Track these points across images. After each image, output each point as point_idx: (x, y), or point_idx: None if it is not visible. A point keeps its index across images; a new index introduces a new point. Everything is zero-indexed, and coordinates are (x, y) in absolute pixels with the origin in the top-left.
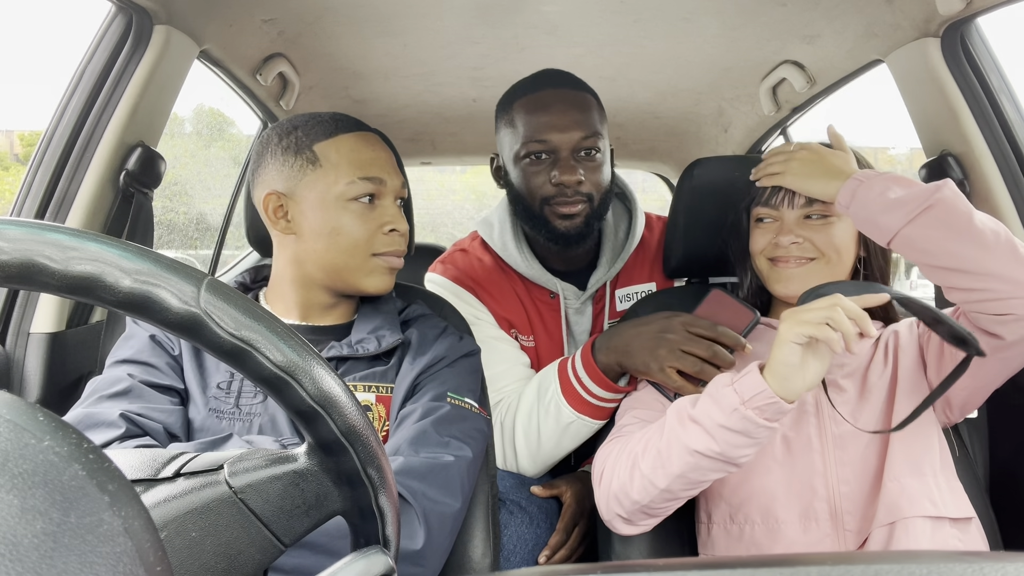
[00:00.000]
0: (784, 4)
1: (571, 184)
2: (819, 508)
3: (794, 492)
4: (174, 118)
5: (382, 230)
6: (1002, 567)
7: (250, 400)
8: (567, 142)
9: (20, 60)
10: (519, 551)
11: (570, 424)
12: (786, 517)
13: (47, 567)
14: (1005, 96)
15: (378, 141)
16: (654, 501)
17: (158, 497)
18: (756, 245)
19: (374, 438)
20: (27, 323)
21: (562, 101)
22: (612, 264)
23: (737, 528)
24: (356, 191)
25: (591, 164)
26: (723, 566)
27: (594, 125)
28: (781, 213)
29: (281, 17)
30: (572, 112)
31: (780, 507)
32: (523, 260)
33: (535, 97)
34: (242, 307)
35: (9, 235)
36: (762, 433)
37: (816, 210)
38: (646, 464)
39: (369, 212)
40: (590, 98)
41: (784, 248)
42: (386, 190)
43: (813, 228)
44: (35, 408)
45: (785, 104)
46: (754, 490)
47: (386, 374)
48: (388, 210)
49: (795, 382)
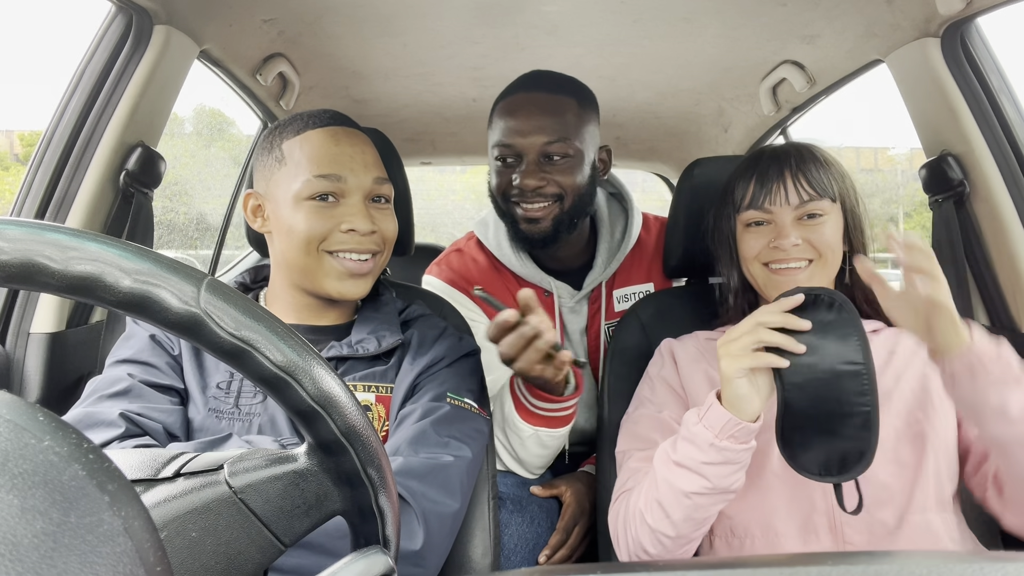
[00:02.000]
0: (784, 4)
1: (529, 188)
2: (818, 522)
3: (794, 506)
4: (174, 118)
5: (339, 228)
6: (1002, 567)
7: (250, 400)
8: (530, 146)
9: (20, 60)
10: (519, 550)
11: (531, 436)
12: (785, 530)
13: (47, 567)
14: (1005, 96)
15: (349, 136)
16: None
17: (158, 497)
18: (749, 250)
19: (374, 438)
20: (27, 323)
21: (530, 106)
22: (608, 264)
23: (738, 541)
24: (311, 189)
25: (558, 167)
26: (723, 566)
27: (563, 129)
28: (775, 214)
29: (281, 17)
30: (538, 117)
31: (779, 521)
32: (517, 259)
33: (508, 101)
34: (242, 307)
35: (9, 235)
36: (743, 456)
37: (811, 208)
38: (652, 518)
39: (328, 210)
40: (567, 101)
41: (784, 251)
42: (348, 188)
43: (809, 228)
44: (35, 408)
45: (785, 104)
46: (753, 504)
47: (386, 374)
48: (349, 208)
49: (752, 405)
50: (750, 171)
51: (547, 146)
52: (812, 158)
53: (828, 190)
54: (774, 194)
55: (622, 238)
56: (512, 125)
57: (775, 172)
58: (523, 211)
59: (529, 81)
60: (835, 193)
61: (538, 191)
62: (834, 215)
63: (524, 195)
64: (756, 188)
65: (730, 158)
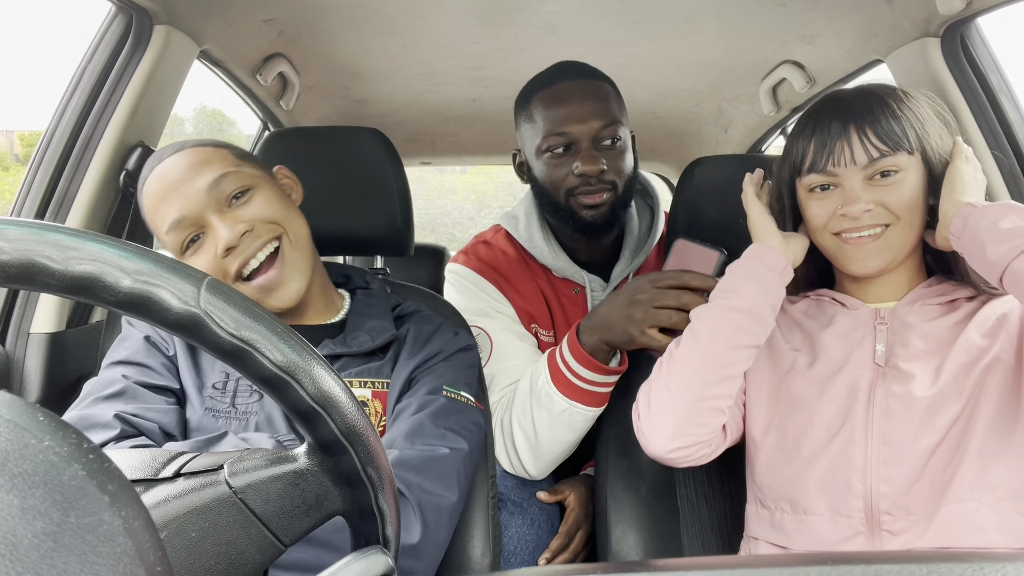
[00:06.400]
0: (784, 4)
1: (594, 174)
2: (853, 505)
3: (826, 485)
4: (174, 118)
5: (219, 259)
6: (1002, 567)
7: (246, 399)
8: (587, 132)
9: (21, 60)
10: (519, 552)
11: (563, 412)
12: (815, 509)
13: (47, 567)
14: (1005, 96)
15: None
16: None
17: (158, 497)
18: (816, 219)
19: (374, 438)
20: (27, 323)
21: (579, 92)
22: (635, 257)
23: (768, 513)
24: (176, 242)
25: (612, 152)
26: (723, 566)
27: (613, 113)
28: (841, 177)
29: (281, 17)
30: (589, 102)
31: (810, 499)
32: (550, 251)
33: (552, 90)
34: (242, 307)
35: (9, 235)
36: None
37: (883, 166)
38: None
39: (204, 248)
40: (607, 87)
41: (855, 219)
42: (196, 221)
43: (883, 189)
44: (35, 408)
45: (785, 104)
46: (785, 477)
47: (381, 369)
48: (214, 233)
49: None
50: (809, 127)
51: (602, 131)
52: (881, 104)
53: (903, 142)
54: (837, 154)
55: (648, 233)
56: (564, 112)
57: (837, 127)
58: (585, 200)
59: (566, 70)
60: (912, 144)
61: (600, 177)
62: (913, 169)
63: (588, 182)
64: (817, 147)
65: (730, 158)
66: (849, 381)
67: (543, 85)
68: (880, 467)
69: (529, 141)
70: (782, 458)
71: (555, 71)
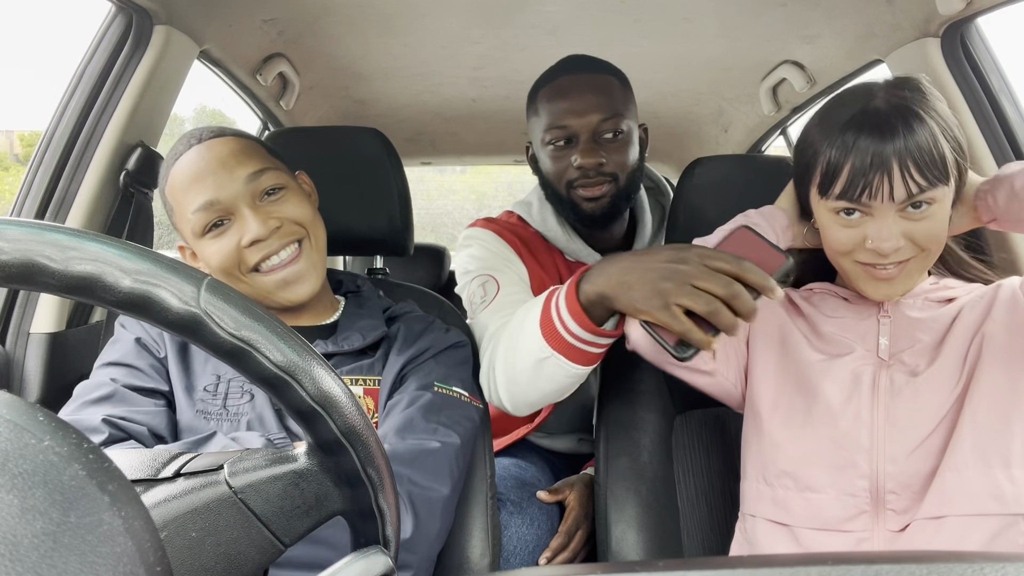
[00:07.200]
0: (784, 4)
1: (592, 167)
2: (859, 485)
3: (832, 464)
4: (174, 118)
5: (240, 248)
6: (1002, 567)
7: (237, 400)
8: (586, 126)
9: (21, 61)
10: (519, 552)
11: (544, 360)
12: (820, 487)
13: (47, 567)
14: (1005, 96)
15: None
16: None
17: (158, 497)
18: (839, 244)
19: (374, 438)
20: (27, 323)
21: (580, 85)
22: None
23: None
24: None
25: (614, 145)
26: (723, 566)
27: (614, 107)
28: (873, 208)
29: (281, 17)
30: (590, 96)
31: (815, 477)
32: (564, 235)
33: (554, 84)
34: (242, 307)
35: (9, 235)
36: None
37: (920, 199)
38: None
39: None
40: (611, 80)
41: (884, 255)
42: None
43: (914, 223)
44: (35, 408)
45: (785, 104)
46: (791, 455)
47: (373, 367)
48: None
49: None
50: (843, 146)
51: (602, 124)
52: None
53: (943, 174)
54: (875, 186)
55: (659, 229)
56: (565, 106)
57: (878, 158)
58: (584, 192)
59: (570, 64)
60: (950, 172)
61: (599, 169)
62: (946, 199)
63: (586, 174)
64: (852, 174)
65: (730, 158)
66: (854, 367)
67: (548, 79)
68: (886, 446)
69: (536, 134)
70: (788, 436)
71: (561, 65)
